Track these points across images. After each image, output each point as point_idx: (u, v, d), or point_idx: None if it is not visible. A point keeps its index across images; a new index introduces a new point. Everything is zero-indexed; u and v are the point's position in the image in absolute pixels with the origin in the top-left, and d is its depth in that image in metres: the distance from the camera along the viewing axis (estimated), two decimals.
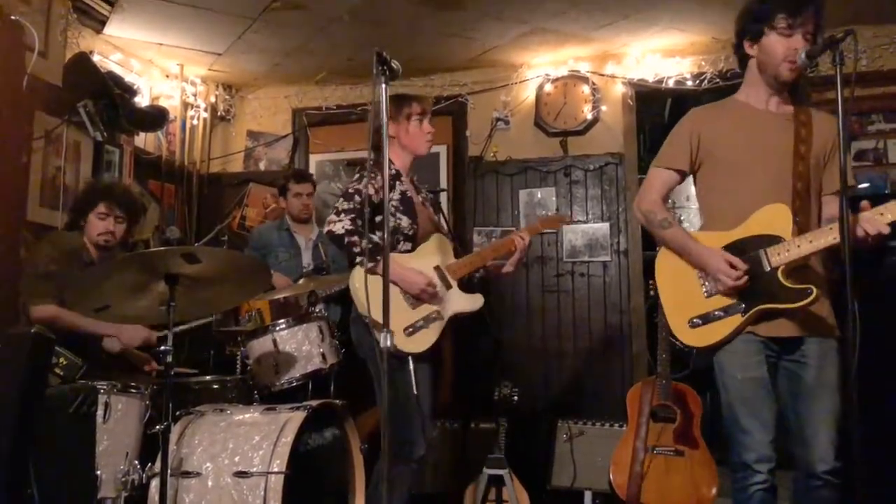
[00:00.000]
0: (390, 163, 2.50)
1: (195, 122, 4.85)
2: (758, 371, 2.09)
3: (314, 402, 2.65)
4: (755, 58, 2.20)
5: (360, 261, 2.56)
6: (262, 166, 5.04)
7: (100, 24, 3.95)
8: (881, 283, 3.21)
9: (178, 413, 2.58)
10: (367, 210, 2.34)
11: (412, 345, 2.54)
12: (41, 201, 3.47)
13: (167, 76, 4.65)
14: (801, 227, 2.08)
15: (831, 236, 1.98)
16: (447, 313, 2.66)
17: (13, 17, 3.18)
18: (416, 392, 2.50)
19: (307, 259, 4.03)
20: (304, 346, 3.14)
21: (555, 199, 4.51)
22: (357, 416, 2.96)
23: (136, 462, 2.44)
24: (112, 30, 4.01)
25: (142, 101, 4.24)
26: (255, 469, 2.35)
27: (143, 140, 4.42)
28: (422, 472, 2.70)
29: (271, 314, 3.76)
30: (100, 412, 2.39)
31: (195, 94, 4.79)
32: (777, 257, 2.06)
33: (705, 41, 4.20)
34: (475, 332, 3.99)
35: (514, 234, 2.80)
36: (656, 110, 4.99)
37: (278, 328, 3.15)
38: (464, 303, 2.71)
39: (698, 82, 4.27)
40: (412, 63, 4.31)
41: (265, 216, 4.88)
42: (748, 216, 2.13)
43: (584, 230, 4.45)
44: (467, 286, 2.79)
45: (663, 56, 4.36)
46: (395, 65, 2.00)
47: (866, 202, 2.03)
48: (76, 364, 2.60)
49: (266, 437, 2.43)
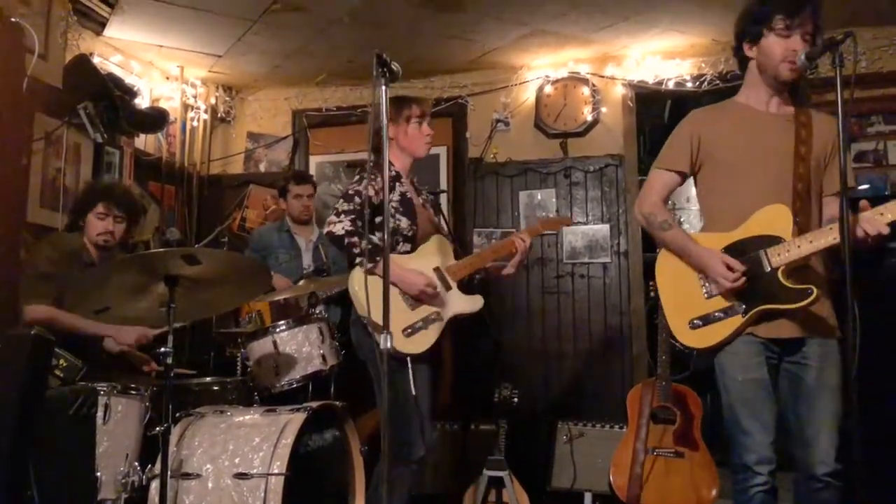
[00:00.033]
0: (390, 164, 2.50)
1: (195, 123, 4.85)
2: (758, 372, 2.09)
3: (314, 404, 2.65)
4: (755, 60, 2.21)
5: (359, 261, 2.56)
6: (262, 168, 5.04)
7: (100, 25, 3.95)
8: (881, 284, 3.22)
9: (178, 414, 2.58)
10: (367, 211, 2.34)
11: (411, 346, 2.54)
12: (41, 203, 3.47)
13: (167, 78, 4.66)
14: (801, 228, 2.08)
15: (831, 236, 1.98)
16: (446, 314, 2.66)
17: (13, 20, 3.18)
18: (415, 393, 2.50)
19: (307, 260, 4.03)
20: (304, 347, 3.14)
21: (555, 200, 4.51)
22: (357, 418, 2.95)
23: (137, 464, 2.44)
24: (112, 32, 4.01)
25: (142, 102, 4.24)
26: (255, 471, 2.35)
27: (143, 142, 4.42)
28: (422, 473, 2.69)
29: (272, 316, 3.76)
30: (100, 414, 2.39)
31: (195, 96, 4.80)
32: (777, 258, 2.06)
33: (705, 43, 4.21)
34: (475, 334, 3.99)
35: (515, 236, 2.79)
36: (656, 112, 4.99)
37: (278, 330, 3.15)
38: (463, 304, 2.71)
39: (698, 84, 4.27)
40: (412, 65, 4.32)
41: (265, 218, 4.88)
42: (748, 217, 2.13)
43: (585, 231, 4.45)
44: (467, 287, 2.79)
45: (663, 58, 4.36)
46: (395, 67, 2.00)
47: (865, 202, 2.04)
48: (76, 366, 2.60)
49: (266, 439, 2.43)
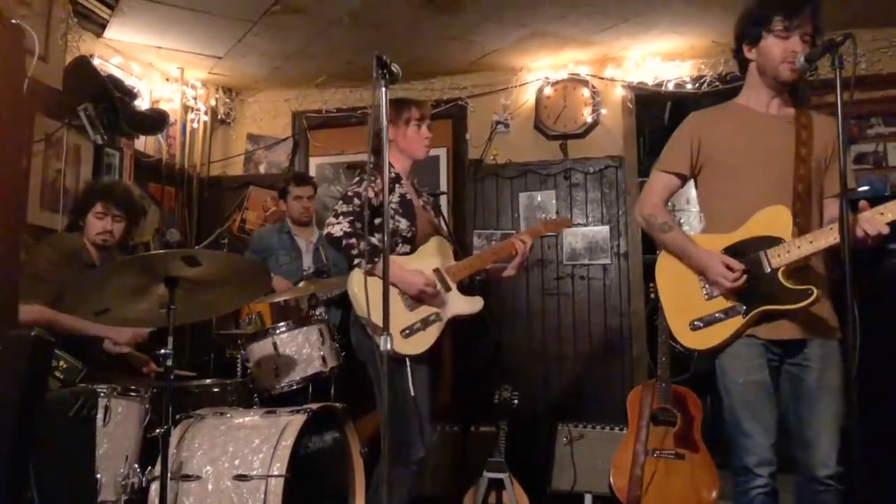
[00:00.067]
0: (390, 166, 2.50)
1: (195, 125, 4.86)
2: (759, 374, 2.08)
3: (314, 406, 2.65)
4: (755, 61, 2.21)
5: (357, 262, 2.57)
6: (262, 169, 5.04)
7: (100, 27, 3.95)
8: (881, 284, 3.22)
9: (178, 416, 2.58)
10: (366, 213, 2.33)
11: (409, 347, 2.54)
12: (41, 204, 3.47)
13: (167, 79, 4.66)
14: (801, 229, 2.08)
15: (832, 237, 1.98)
16: (446, 315, 2.65)
17: (13, 21, 3.18)
18: (413, 394, 2.50)
19: (308, 262, 4.03)
20: (304, 349, 3.14)
21: (555, 202, 4.51)
22: (357, 420, 2.95)
23: (136, 465, 2.44)
24: (112, 33, 4.01)
25: (142, 104, 4.25)
26: (255, 472, 2.35)
27: (143, 143, 4.42)
28: (422, 475, 2.69)
29: (272, 317, 3.76)
30: (100, 415, 2.39)
31: (195, 98, 4.80)
32: (777, 259, 2.06)
33: (705, 45, 4.21)
34: (475, 335, 3.99)
35: (515, 238, 2.78)
36: (656, 113, 4.99)
37: (278, 331, 3.15)
38: (463, 305, 2.71)
39: (698, 85, 4.27)
40: (412, 66, 4.32)
41: (265, 219, 4.88)
42: (749, 218, 2.13)
43: (584, 233, 4.45)
44: (467, 289, 2.79)
45: (663, 59, 4.37)
46: (395, 68, 2.00)
47: (865, 202, 2.04)
48: (76, 367, 2.59)
49: (266, 441, 2.42)
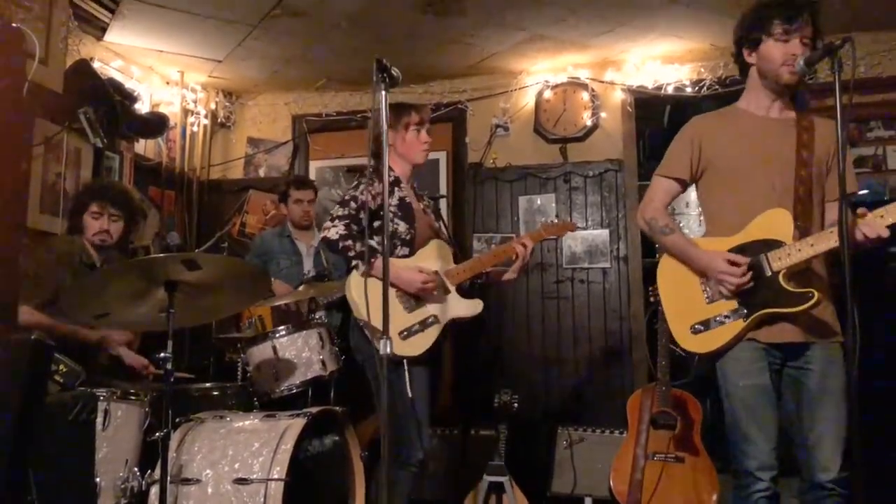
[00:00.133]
0: (389, 169, 2.50)
1: (195, 128, 4.86)
2: (760, 378, 2.08)
3: (314, 409, 2.64)
4: (755, 65, 2.21)
5: (355, 264, 2.57)
6: (262, 173, 5.05)
7: (100, 31, 3.96)
8: (883, 287, 3.22)
9: (177, 420, 2.57)
10: (363, 216, 2.33)
11: (408, 348, 2.54)
12: (41, 208, 3.47)
13: (167, 83, 4.66)
14: (802, 232, 2.08)
15: (832, 240, 1.97)
16: (444, 318, 2.65)
17: (14, 25, 3.18)
18: (411, 395, 2.50)
19: (308, 265, 4.03)
20: (303, 352, 3.14)
21: (554, 205, 4.51)
22: (357, 423, 2.95)
23: (136, 469, 2.43)
24: (112, 37, 4.02)
25: (142, 107, 4.25)
26: (254, 476, 2.34)
27: (143, 147, 4.42)
28: (421, 478, 2.68)
29: (273, 321, 3.76)
30: (99, 419, 2.38)
31: (195, 101, 4.80)
32: (778, 262, 2.05)
33: (704, 48, 4.22)
34: (475, 338, 3.99)
35: (515, 241, 2.78)
36: (656, 117, 5.00)
37: (278, 335, 3.15)
38: (462, 308, 2.71)
39: (697, 89, 4.28)
40: (412, 70, 4.33)
41: (265, 223, 4.88)
42: (750, 222, 2.13)
43: (584, 237, 4.44)
44: (467, 292, 2.79)
45: (662, 63, 4.37)
46: (395, 72, 2.01)
47: (863, 209, 2.03)
48: (76, 371, 2.59)
49: (266, 444, 2.42)
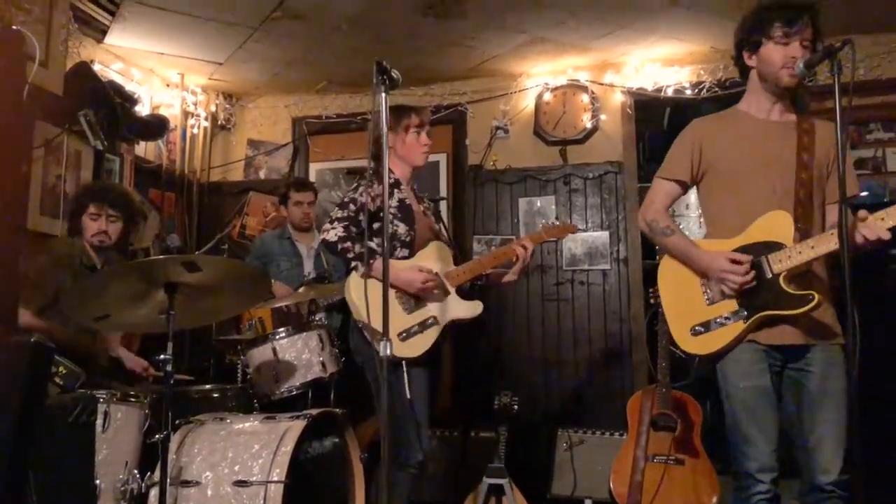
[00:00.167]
0: (390, 171, 2.50)
1: (195, 130, 4.86)
2: (761, 380, 2.08)
3: (314, 411, 2.64)
4: (755, 68, 2.21)
5: (354, 265, 2.58)
6: (262, 175, 5.05)
7: (101, 33, 3.96)
8: (883, 289, 3.22)
9: (177, 422, 2.57)
10: (362, 217, 2.33)
11: (407, 350, 2.54)
12: (41, 210, 3.47)
13: (168, 85, 4.66)
14: (803, 235, 2.08)
15: (833, 242, 1.96)
16: (444, 319, 2.65)
17: (14, 27, 3.19)
18: (410, 397, 2.50)
19: (309, 267, 4.03)
20: (303, 354, 3.14)
21: (554, 207, 4.51)
22: (357, 425, 2.95)
23: (136, 471, 2.43)
24: (113, 39, 4.02)
25: (142, 110, 4.25)
26: (254, 478, 2.34)
27: (143, 149, 4.43)
28: (421, 480, 2.68)
29: (273, 323, 3.76)
30: (99, 421, 2.38)
31: (195, 103, 4.81)
32: (779, 264, 2.05)
33: (704, 50, 4.22)
34: (475, 340, 3.99)
35: (516, 243, 2.78)
36: (655, 119, 5.00)
37: (278, 337, 3.15)
38: (462, 309, 2.71)
39: (697, 91, 4.28)
40: (412, 72, 4.33)
41: (265, 225, 4.88)
42: (750, 224, 2.13)
43: (584, 238, 4.44)
44: (467, 293, 2.79)
45: (662, 65, 4.38)
46: (395, 74, 2.01)
47: (864, 211, 2.03)
48: (76, 373, 2.60)
49: (266, 446, 2.42)
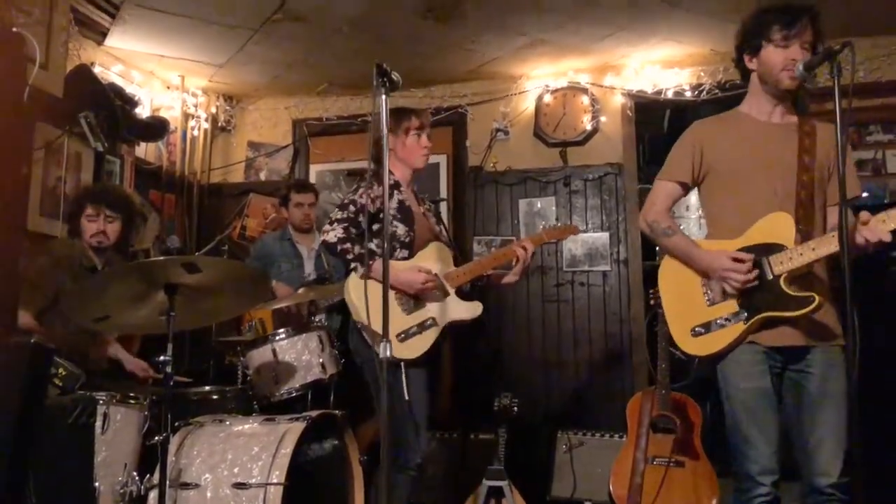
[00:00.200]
0: (390, 173, 2.50)
1: (196, 132, 4.87)
2: (761, 381, 2.07)
3: (313, 413, 2.65)
4: (756, 71, 2.21)
5: (353, 266, 2.58)
6: (262, 176, 5.05)
7: (101, 35, 3.97)
8: (883, 290, 3.22)
9: (176, 424, 2.57)
10: (362, 219, 2.33)
11: (406, 351, 2.54)
12: (41, 211, 3.47)
13: (168, 87, 4.67)
14: (804, 236, 2.07)
15: (834, 244, 1.96)
16: (443, 321, 2.65)
17: (14, 29, 3.19)
18: (408, 398, 2.50)
19: (309, 269, 4.03)
20: (303, 356, 3.14)
21: (554, 208, 4.52)
22: (357, 427, 2.95)
23: (135, 473, 2.42)
24: (113, 41, 4.03)
25: (143, 111, 4.26)
26: (254, 480, 2.34)
27: (143, 150, 4.43)
28: (420, 481, 2.68)
29: (274, 324, 3.75)
30: (98, 423, 2.38)
31: (196, 105, 4.81)
32: (780, 266, 2.05)
33: (703, 53, 4.22)
34: (474, 341, 3.99)
35: (516, 244, 2.79)
36: (655, 121, 5.00)
37: (278, 338, 3.15)
38: (462, 311, 2.70)
39: (697, 93, 4.28)
40: (412, 74, 4.33)
41: (265, 226, 4.88)
42: (751, 226, 2.12)
43: (584, 240, 4.44)
44: (467, 295, 2.79)
45: (662, 67, 4.38)
46: (396, 76, 2.01)
47: (866, 213, 2.03)
48: (75, 374, 2.59)
49: (265, 448, 2.42)
